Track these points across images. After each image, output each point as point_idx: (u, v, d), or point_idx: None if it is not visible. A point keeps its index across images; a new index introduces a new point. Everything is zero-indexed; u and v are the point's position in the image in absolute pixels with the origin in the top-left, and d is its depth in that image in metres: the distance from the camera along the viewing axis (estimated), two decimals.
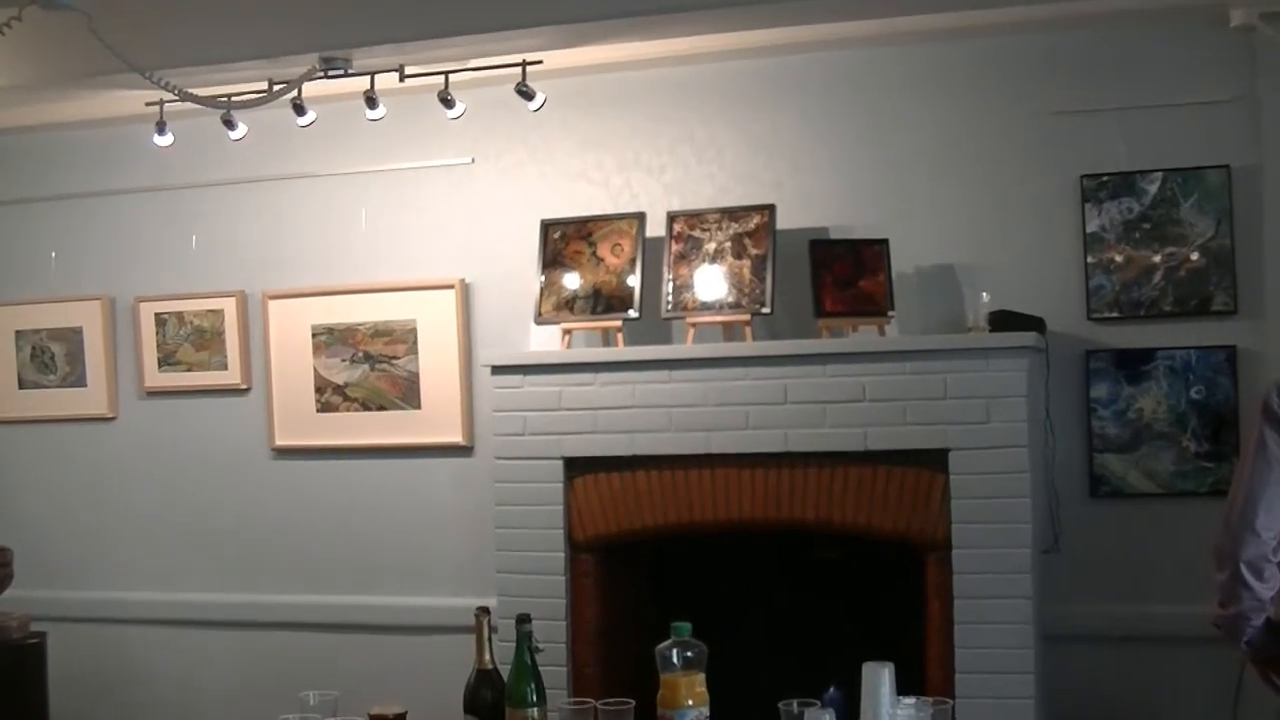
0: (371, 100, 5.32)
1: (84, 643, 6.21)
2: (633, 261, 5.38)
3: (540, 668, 3.18)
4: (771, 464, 5.04)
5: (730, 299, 5.22)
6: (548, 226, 5.54)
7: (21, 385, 6.48)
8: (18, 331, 6.46)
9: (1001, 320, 4.97)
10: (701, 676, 3.07)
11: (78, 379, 6.39)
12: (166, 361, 6.22)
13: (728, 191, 5.48)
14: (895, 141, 5.32)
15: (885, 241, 5.14)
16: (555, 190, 5.69)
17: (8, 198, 6.48)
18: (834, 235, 5.28)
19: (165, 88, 4.49)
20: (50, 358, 6.44)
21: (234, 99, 5.15)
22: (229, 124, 5.45)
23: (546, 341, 5.55)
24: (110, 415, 6.34)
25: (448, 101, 5.28)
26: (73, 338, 6.38)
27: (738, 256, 5.25)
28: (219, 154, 5.95)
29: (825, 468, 4.97)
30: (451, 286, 5.77)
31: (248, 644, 6.12)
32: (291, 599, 6.07)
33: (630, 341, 5.35)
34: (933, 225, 5.25)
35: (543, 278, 5.48)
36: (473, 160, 5.79)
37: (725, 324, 5.24)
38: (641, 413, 5.19)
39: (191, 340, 6.18)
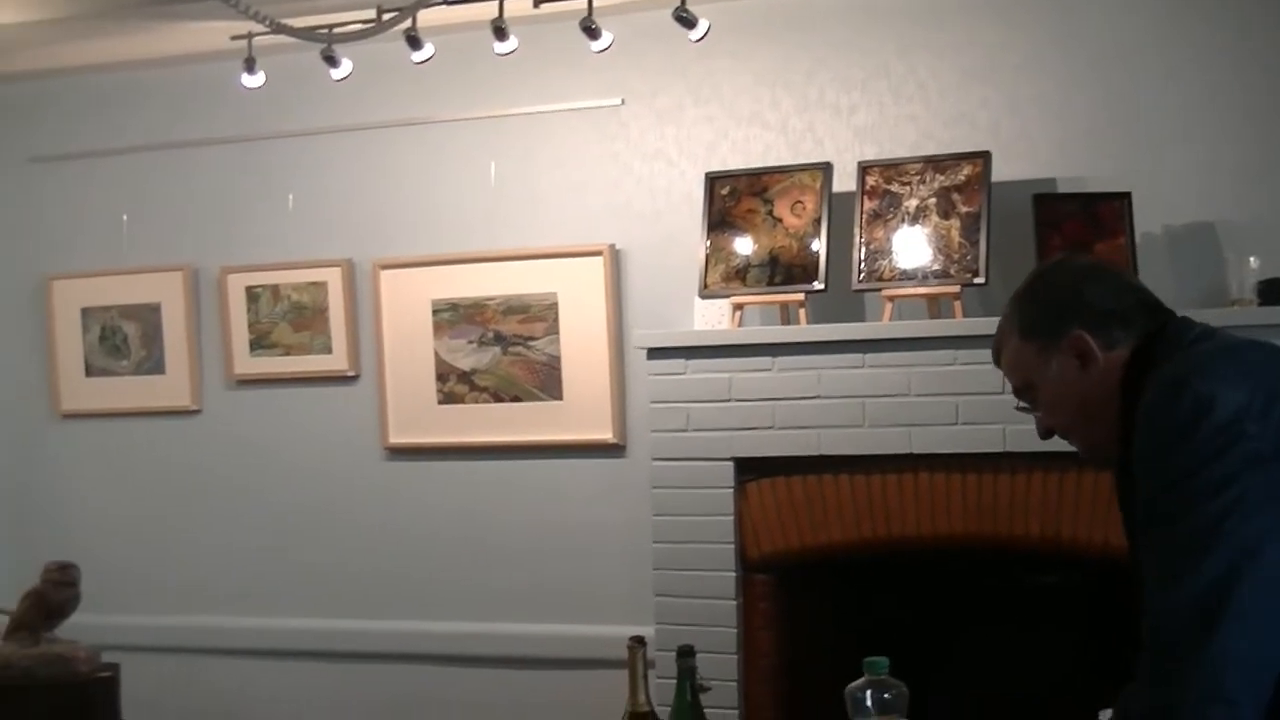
0: (501, 31, 5.39)
1: (162, 676, 6.43)
2: (817, 222, 5.49)
3: (706, 710, 3.24)
4: (986, 467, 5.13)
5: (936, 266, 5.31)
6: (714, 181, 5.67)
7: (89, 372, 6.78)
8: (84, 309, 6.76)
9: (1273, 291, 4.99)
10: None
11: (154, 365, 6.67)
12: (259, 344, 6.47)
13: (932, 137, 5.57)
14: (1140, 75, 5.36)
15: (1127, 196, 5.19)
16: (724, 137, 5.83)
17: (70, 151, 6.77)
18: (1062, 189, 5.35)
19: (255, 17, 4.66)
20: (122, 340, 6.72)
21: (336, 30, 5.31)
22: (331, 60, 5.55)
23: (713, 319, 5.66)
24: (193, 408, 6.61)
25: (592, 31, 5.34)
26: (148, 316, 6.66)
27: (944, 215, 5.34)
28: (319, 96, 6.17)
29: (1053, 472, 5.03)
30: (598, 253, 5.94)
31: (352, 678, 6.35)
32: (404, 626, 6.28)
33: (815, 318, 5.46)
34: (1187, 176, 5.27)
35: (708, 243, 5.61)
36: (622, 101, 5.95)
37: (930, 297, 5.33)
38: (829, 404, 5.30)
39: (289, 319, 6.42)
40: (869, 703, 3.09)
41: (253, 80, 5.72)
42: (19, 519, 6.86)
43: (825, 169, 5.55)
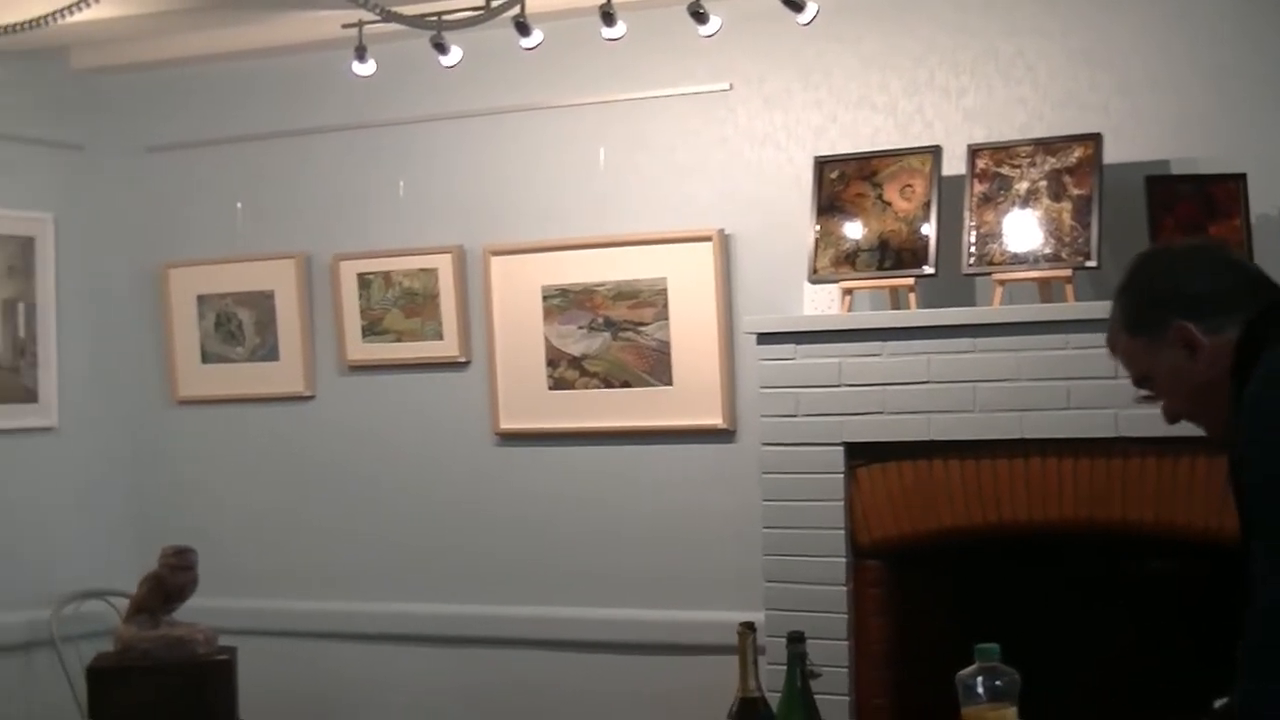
0: (609, 16, 5.38)
1: (277, 659, 6.54)
2: (927, 206, 5.48)
3: (816, 696, 3.26)
4: (1099, 452, 5.11)
5: (1047, 250, 5.29)
6: (823, 165, 5.67)
7: (205, 359, 6.87)
8: (200, 296, 6.86)
9: None
10: (1013, 711, 3.10)
11: (268, 351, 6.75)
12: (371, 330, 6.53)
13: (1042, 119, 5.54)
14: (1254, 53, 5.30)
15: (1242, 177, 5.14)
16: (832, 121, 5.82)
17: (185, 140, 6.86)
18: (1176, 170, 5.31)
19: (366, 6, 4.72)
20: (237, 327, 6.81)
21: (446, 18, 5.36)
22: (440, 48, 5.56)
23: (823, 304, 5.67)
24: (306, 393, 6.69)
25: (700, 15, 5.33)
26: (263, 303, 6.75)
27: (1055, 198, 5.32)
28: (429, 84, 6.20)
29: (1166, 457, 5.00)
30: (708, 238, 5.95)
31: (464, 663, 6.41)
32: (514, 611, 6.33)
33: (925, 303, 5.45)
34: None
35: (818, 227, 5.62)
36: (731, 86, 5.96)
37: (1041, 280, 5.31)
38: (939, 389, 5.30)
39: (401, 305, 6.48)
40: (980, 689, 3.11)
41: (364, 68, 5.76)
42: (138, 504, 6.96)
43: (935, 152, 5.53)
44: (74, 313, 6.85)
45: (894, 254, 5.49)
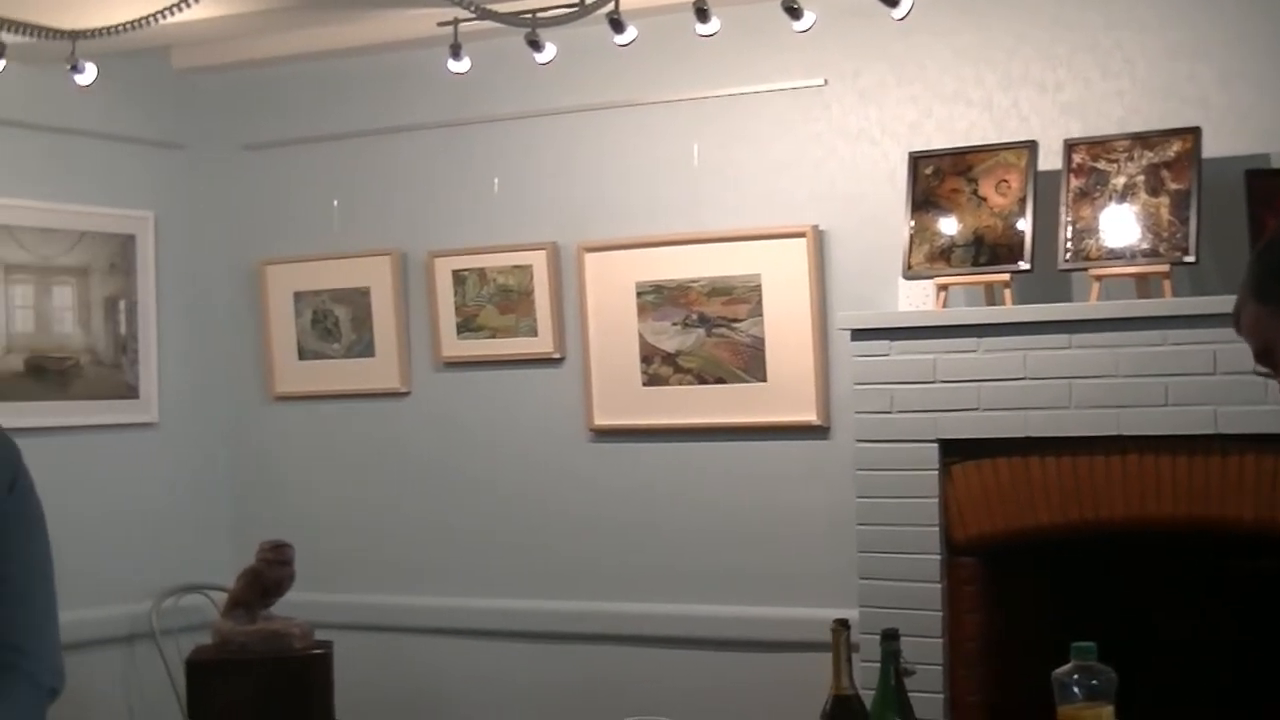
0: (703, 12, 5.38)
1: (372, 653, 6.59)
2: (1022, 201, 5.45)
3: (910, 694, 3.25)
4: (1198, 449, 5.06)
5: (1144, 245, 5.25)
6: (917, 160, 5.65)
7: (301, 355, 6.92)
8: (297, 293, 6.91)
9: None
10: (1109, 710, 3.07)
11: (364, 348, 6.79)
12: (466, 326, 6.56)
13: (1139, 112, 5.48)
14: None
15: None
16: (926, 116, 5.79)
17: (282, 138, 6.92)
18: (1276, 164, 5.24)
19: (462, 4, 4.74)
20: (334, 323, 6.86)
21: (541, 15, 5.38)
22: (535, 45, 5.58)
23: (917, 300, 5.65)
24: (402, 389, 6.72)
25: (794, 11, 5.30)
26: (359, 300, 6.78)
27: (1153, 193, 5.27)
28: (524, 81, 6.23)
29: (1266, 454, 4.96)
30: (802, 234, 5.93)
31: (559, 659, 6.42)
32: (607, 607, 6.34)
33: (1020, 299, 5.42)
34: None
35: (912, 223, 5.60)
36: (825, 82, 5.93)
37: (1139, 276, 5.26)
38: (1035, 386, 5.27)
39: (495, 301, 6.50)
40: (1076, 688, 3.08)
41: (458, 65, 5.79)
42: (236, 499, 7.02)
43: (1030, 147, 5.50)
44: (173, 310, 6.92)
45: (989, 250, 5.46)
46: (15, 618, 2.63)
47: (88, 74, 5.78)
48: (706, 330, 6.10)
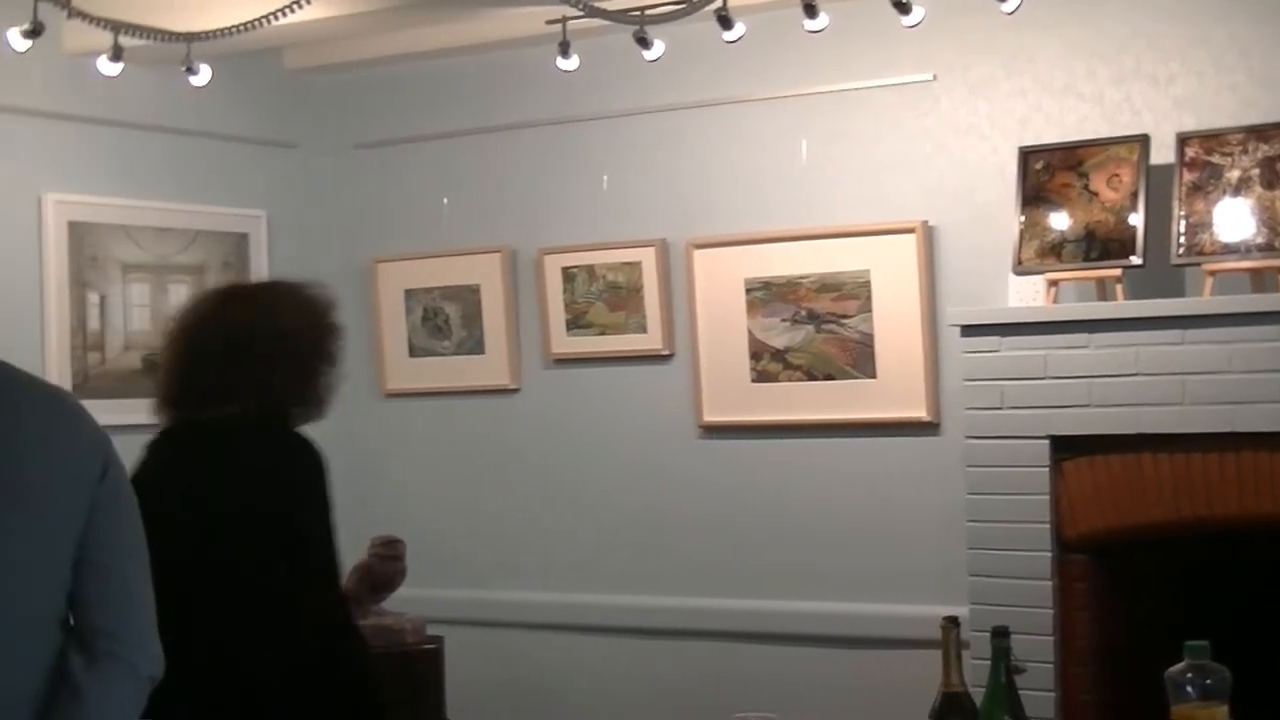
0: (811, 8, 5.36)
1: (485, 649, 6.61)
2: (1134, 196, 5.40)
3: (1021, 692, 3.22)
4: None
5: (1259, 240, 5.19)
6: (1028, 155, 5.62)
7: (412, 352, 6.96)
8: (407, 291, 6.95)
9: None
10: (1224, 710, 3.03)
11: (474, 345, 6.82)
12: (576, 323, 6.57)
13: (1254, 105, 5.42)
14: None
15: None
16: (1037, 110, 5.75)
17: (393, 136, 6.97)
18: None
19: (570, 2, 4.75)
20: (444, 320, 6.89)
21: (649, 12, 5.38)
22: (643, 42, 5.58)
23: (1028, 295, 5.61)
24: (512, 386, 6.74)
25: (903, 6, 5.27)
26: (469, 297, 6.82)
27: (1268, 186, 5.21)
28: (632, 78, 6.24)
29: None
30: (911, 230, 5.90)
31: (668, 655, 6.41)
32: (717, 603, 6.32)
33: (1132, 294, 5.37)
34: None
35: (1022, 218, 5.56)
36: (934, 77, 5.91)
37: (1253, 271, 5.21)
38: (1148, 382, 5.22)
39: (605, 298, 6.52)
40: (1190, 688, 3.04)
41: (567, 63, 5.80)
42: (347, 495, 6.98)
43: (1142, 141, 5.45)
44: None
45: (1100, 245, 5.42)
46: (111, 605, 2.66)
47: (202, 75, 5.85)
48: (816, 326, 6.09)
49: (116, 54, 5.68)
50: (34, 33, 5.40)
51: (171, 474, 3.75)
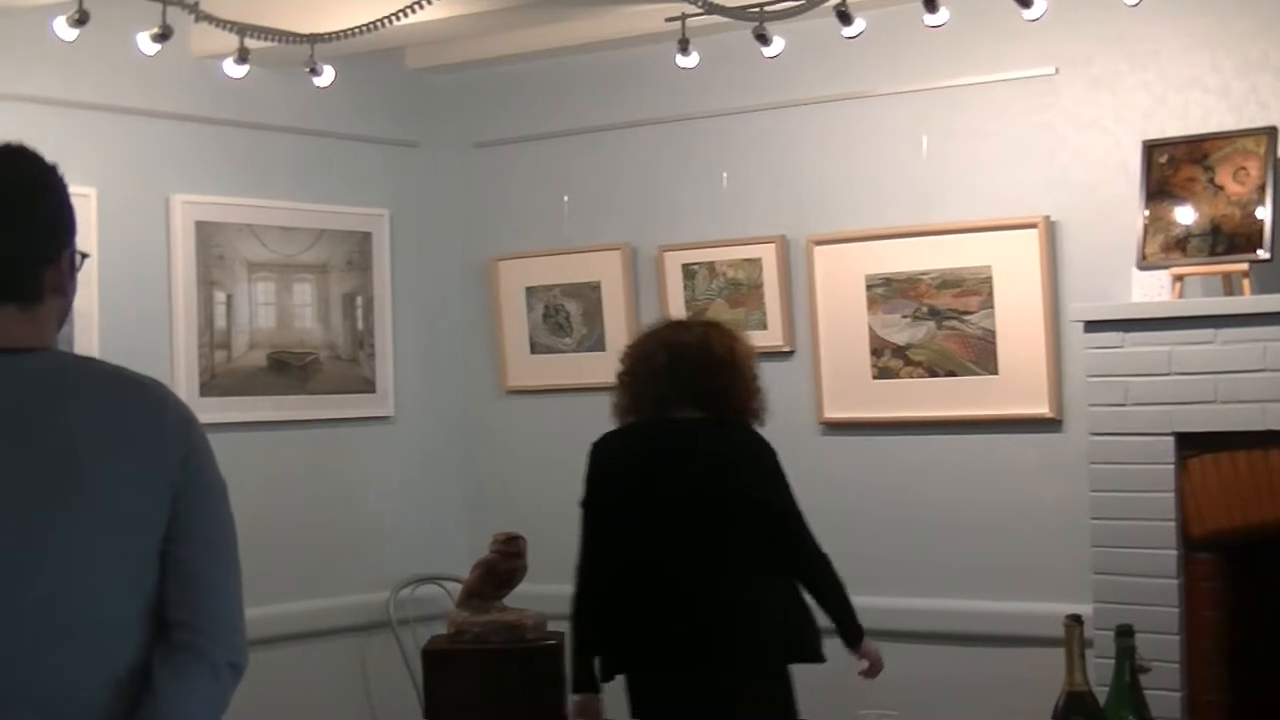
0: (931, 3, 5.29)
1: None
2: (1261, 189, 5.34)
3: (1146, 691, 3.21)
4: None
5: None
6: (1152, 149, 5.56)
7: (533, 350, 7.00)
8: (528, 288, 6.99)
9: None
10: None
11: (595, 342, 6.85)
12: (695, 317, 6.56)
13: None
14: None
15: None
16: (1161, 103, 5.69)
17: (513, 135, 7.01)
18: None
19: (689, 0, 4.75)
20: (564, 318, 6.92)
21: (768, 9, 5.37)
22: (762, 38, 5.58)
23: (1152, 290, 5.54)
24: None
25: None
26: (589, 294, 6.85)
27: None
28: (752, 74, 6.23)
29: None
30: (1033, 225, 5.86)
31: None
32: None
33: (1259, 289, 5.32)
34: None
35: (1146, 212, 5.51)
36: (1056, 70, 5.86)
37: None
38: (1275, 377, 5.16)
39: (725, 295, 6.51)
40: None
41: (687, 60, 5.81)
42: (469, 492, 7.12)
43: (1270, 134, 5.38)
44: (408, 305, 7.03)
45: (1226, 239, 5.36)
46: (193, 597, 2.60)
47: (326, 76, 5.90)
48: (937, 323, 6.06)
49: (242, 56, 5.74)
50: (162, 36, 5.46)
51: (664, 460, 4.85)
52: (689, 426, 4.87)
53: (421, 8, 5.38)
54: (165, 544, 2.56)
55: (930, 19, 5.34)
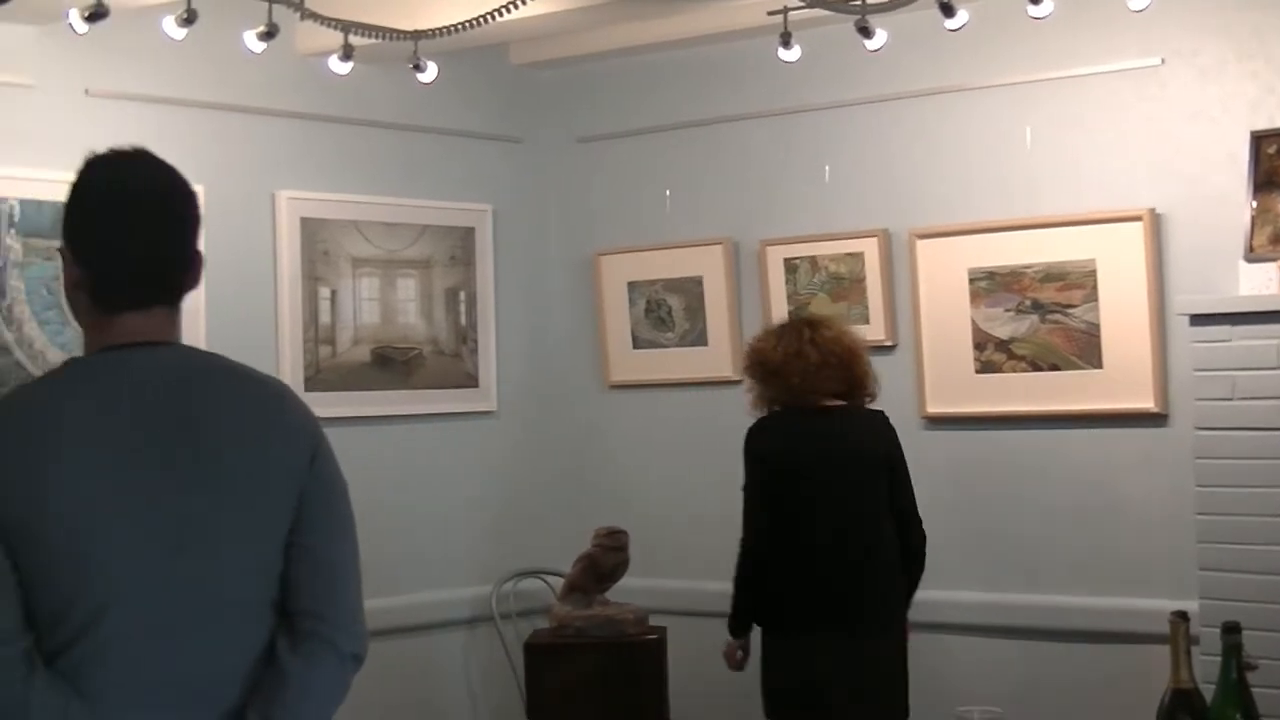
0: None
1: (708, 640, 6.62)
2: None
3: (1253, 689, 3.17)
4: None
5: None
6: (1260, 140, 5.50)
7: (635, 344, 7.00)
8: (630, 283, 7.00)
9: None
10: None
11: (697, 336, 6.85)
12: (798, 314, 6.52)
13: None
14: None
15: None
16: (1270, 93, 5.61)
17: (615, 130, 7.03)
18: None
19: None
20: (667, 312, 6.92)
21: (871, 1, 5.34)
22: (865, 31, 5.52)
23: (1259, 283, 5.45)
24: (735, 378, 6.66)
25: None
26: (691, 289, 6.84)
27: None
28: (854, 68, 6.20)
29: None
30: (1138, 218, 5.79)
31: None
32: (942, 595, 6.21)
33: None
34: None
35: (1254, 204, 5.45)
36: (1162, 61, 5.79)
37: None
38: None
39: (827, 289, 6.49)
40: None
41: (789, 54, 5.77)
42: (571, 486, 7.13)
43: None
44: (511, 300, 7.06)
45: None
46: (317, 586, 2.74)
47: (429, 72, 5.92)
48: (1040, 316, 6.01)
49: (347, 53, 5.78)
50: (268, 35, 5.51)
51: (831, 437, 5.55)
52: (839, 410, 5.59)
53: (524, 3, 5.39)
54: (292, 536, 2.72)
55: (1034, 10, 5.23)
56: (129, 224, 2.70)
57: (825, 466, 5.53)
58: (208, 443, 2.66)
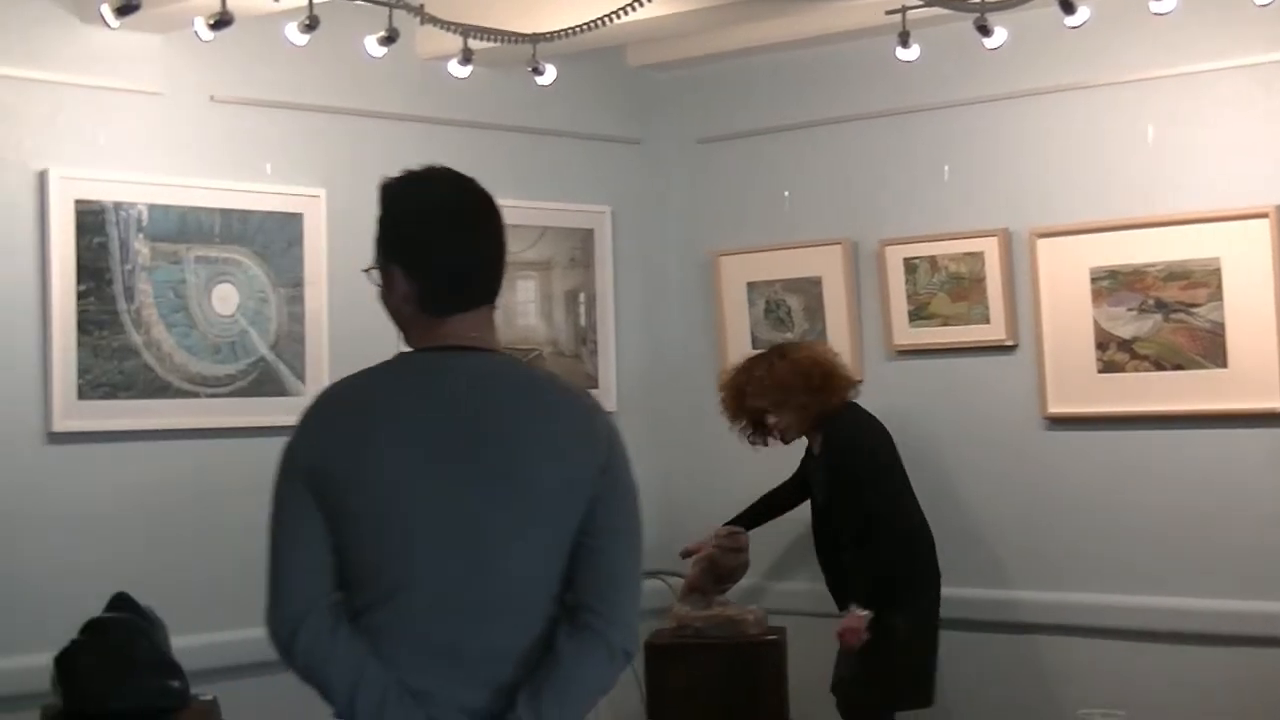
0: None
1: (828, 641, 6.60)
2: None
3: None
4: None
5: None
6: None
7: (755, 345, 6.94)
8: (750, 284, 6.99)
9: None
10: None
11: (816, 336, 6.79)
12: (918, 315, 6.52)
13: None
14: None
15: None
16: None
17: (734, 130, 7.03)
18: None
19: None
20: (786, 313, 6.91)
21: (990, 0, 5.32)
22: (984, 30, 5.51)
23: None
24: (856, 378, 6.66)
25: None
26: (810, 289, 6.82)
27: None
28: (972, 66, 6.17)
29: None
30: (1264, 215, 5.71)
31: (1013, 649, 6.33)
32: (1065, 597, 6.21)
33: None
34: None
35: None
36: None
37: None
38: None
39: (947, 289, 6.45)
40: None
41: (907, 53, 5.76)
42: (693, 487, 7.11)
43: None
44: (630, 301, 7.08)
45: None
46: (597, 582, 2.96)
47: (548, 75, 5.95)
48: (1164, 315, 5.94)
49: (466, 57, 5.82)
50: (389, 39, 5.56)
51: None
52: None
53: (641, 5, 5.41)
54: (581, 535, 2.97)
55: (1156, 6, 5.25)
56: (459, 236, 3.04)
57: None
58: (508, 445, 2.91)
